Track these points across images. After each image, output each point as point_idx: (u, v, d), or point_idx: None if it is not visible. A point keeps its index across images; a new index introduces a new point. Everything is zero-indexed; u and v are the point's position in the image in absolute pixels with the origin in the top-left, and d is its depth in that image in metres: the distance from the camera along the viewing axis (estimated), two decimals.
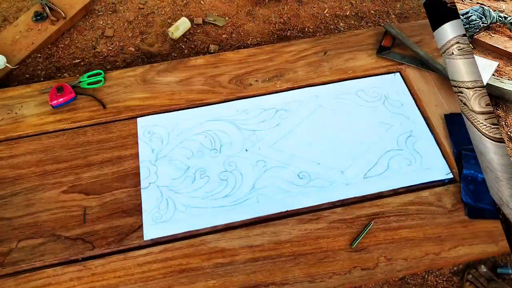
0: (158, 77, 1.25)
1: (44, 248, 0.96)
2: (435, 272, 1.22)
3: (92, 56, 1.68)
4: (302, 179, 1.06)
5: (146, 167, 1.08)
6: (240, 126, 1.16)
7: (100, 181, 1.06)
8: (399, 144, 1.12)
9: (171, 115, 1.18)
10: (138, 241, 0.97)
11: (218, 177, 1.07)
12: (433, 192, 1.03)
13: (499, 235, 0.96)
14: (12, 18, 1.78)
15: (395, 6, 1.88)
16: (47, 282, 0.91)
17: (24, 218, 1.01)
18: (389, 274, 0.92)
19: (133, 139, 1.13)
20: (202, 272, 0.92)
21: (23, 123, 1.16)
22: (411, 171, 1.07)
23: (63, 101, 1.18)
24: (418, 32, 1.34)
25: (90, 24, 1.77)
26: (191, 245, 0.96)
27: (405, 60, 1.26)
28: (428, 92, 1.21)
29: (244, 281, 0.91)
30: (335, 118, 1.17)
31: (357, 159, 1.09)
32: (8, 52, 1.58)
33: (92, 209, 1.02)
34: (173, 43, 1.73)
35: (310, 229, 0.98)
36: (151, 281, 0.91)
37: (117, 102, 1.20)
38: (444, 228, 0.97)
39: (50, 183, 1.06)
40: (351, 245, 0.95)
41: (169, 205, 1.02)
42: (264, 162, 1.09)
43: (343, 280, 0.91)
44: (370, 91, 1.23)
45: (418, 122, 1.16)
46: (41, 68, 1.63)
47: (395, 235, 0.97)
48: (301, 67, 1.26)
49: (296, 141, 1.13)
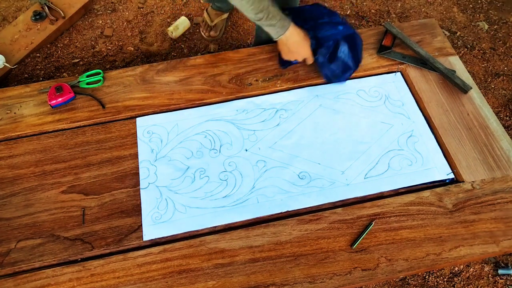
0: (157, 76, 1.25)
1: (43, 248, 0.96)
2: (435, 272, 1.21)
3: (91, 56, 1.67)
4: (302, 179, 1.06)
5: (145, 167, 1.08)
6: (240, 126, 1.16)
7: (99, 181, 1.06)
8: (399, 144, 1.12)
9: (170, 115, 1.18)
10: (138, 242, 0.97)
11: (218, 177, 1.06)
12: (434, 193, 1.02)
13: (500, 235, 0.96)
14: (11, 18, 1.78)
15: (396, 6, 1.88)
16: (46, 282, 0.91)
17: (23, 219, 1.00)
18: (390, 275, 0.92)
19: (132, 139, 1.13)
20: (202, 272, 0.92)
21: (22, 123, 1.16)
22: (412, 171, 1.07)
23: (62, 101, 1.17)
24: (419, 32, 1.33)
25: (89, 23, 1.77)
26: (190, 246, 0.95)
27: (405, 60, 1.25)
28: (429, 91, 1.20)
29: (244, 282, 0.91)
30: (336, 118, 1.17)
31: (357, 159, 1.09)
32: (7, 52, 1.58)
33: (91, 210, 1.01)
34: (172, 42, 1.73)
35: (311, 229, 0.97)
36: (150, 282, 0.91)
37: (116, 102, 1.19)
38: (445, 229, 0.97)
39: (49, 183, 1.05)
40: (351, 246, 0.95)
41: (168, 205, 1.02)
42: (264, 162, 1.09)
43: (343, 280, 0.91)
44: (370, 91, 1.22)
45: (419, 122, 1.16)
46: (40, 67, 1.63)
47: (396, 235, 0.96)
48: (301, 66, 1.26)
49: (296, 141, 1.13)
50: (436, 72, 1.22)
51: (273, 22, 1.03)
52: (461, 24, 1.80)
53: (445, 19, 1.82)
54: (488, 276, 1.20)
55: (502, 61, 1.68)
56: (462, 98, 1.19)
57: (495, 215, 0.99)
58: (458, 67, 1.25)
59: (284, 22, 1.05)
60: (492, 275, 1.20)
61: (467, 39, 1.75)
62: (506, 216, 0.99)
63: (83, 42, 1.71)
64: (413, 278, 1.20)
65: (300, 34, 1.11)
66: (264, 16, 1.01)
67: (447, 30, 1.78)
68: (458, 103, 1.18)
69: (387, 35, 1.30)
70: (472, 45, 1.73)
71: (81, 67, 1.64)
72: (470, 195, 1.02)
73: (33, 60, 1.64)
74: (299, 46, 1.11)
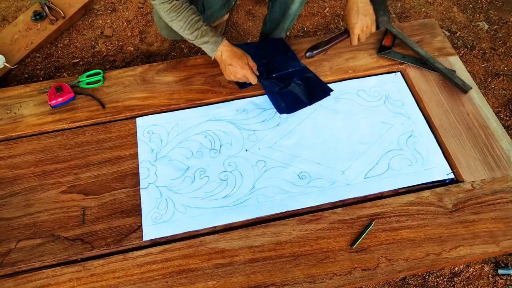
0: (157, 76, 1.25)
1: (43, 248, 0.96)
2: (435, 272, 1.21)
3: (91, 56, 1.67)
4: (302, 179, 1.06)
5: (145, 167, 1.08)
6: (240, 126, 1.16)
7: (99, 181, 1.06)
8: (399, 144, 1.12)
9: (170, 115, 1.18)
10: (138, 242, 0.97)
11: (218, 177, 1.06)
12: (434, 193, 1.02)
13: (500, 235, 0.96)
14: (11, 18, 1.78)
15: (396, 6, 1.88)
16: (46, 282, 0.91)
17: (23, 219, 1.00)
18: (390, 275, 0.92)
19: (132, 139, 1.13)
20: (202, 272, 0.92)
21: (22, 123, 1.16)
22: (412, 171, 1.06)
23: (62, 101, 1.17)
24: (418, 32, 1.33)
25: (89, 23, 1.77)
26: (190, 246, 0.95)
27: (405, 60, 1.25)
28: (429, 91, 1.20)
29: (244, 282, 0.90)
30: (336, 118, 1.17)
31: (357, 159, 1.09)
32: (7, 52, 1.57)
33: (91, 210, 1.01)
34: (172, 42, 1.72)
35: (311, 229, 0.97)
36: (150, 282, 0.91)
37: (116, 102, 1.19)
38: (445, 229, 0.97)
39: (49, 183, 1.05)
40: (351, 246, 0.95)
41: (168, 205, 1.02)
42: (264, 162, 1.09)
43: (343, 280, 0.91)
44: (370, 91, 1.22)
45: (419, 122, 1.16)
46: (40, 67, 1.63)
47: (396, 235, 0.96)
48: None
49: (296, 141, 1.13)
50: (436, 72, 1.22)
51: (207, 39, 1.11)
52: (461, 24, 1.80)
53: (445, 19, 1.82)
54: (488, 276, 1.20)
55: (502, 61, 1.68)
56: (462, 98, 1.19)
57: (495, 215, 0.99)
58: (458, 67, 1.25)
59: (217, 39, 1.12)
60: (492, 275, 1.20)
61: (467, 39, 1.75)
62: (506, 216, 0.99)
63: (83, 42, 1.71)
64: (413, 278, 1.20)
65: (234, 50, 1.14)
66: (198, 34, 1.10)
67: (447, 30, 1.78)
68: (458, 103, 1.18)
69: (387, 35, 1.30)
70: (472, 45, 1.73)
71: (81, 67, 1.64)
72: (470, 195, 1.02)
73: (33, 60, 1.64)
74: (233, 60, 1.13)
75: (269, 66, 1.23)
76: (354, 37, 1.14)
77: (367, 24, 1.12)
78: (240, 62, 1.13)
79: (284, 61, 1.25)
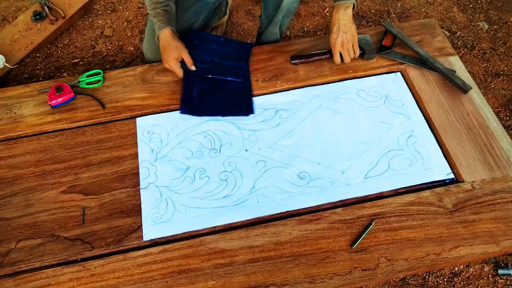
0: (157, 76, 1.25)
1: (43, 248, 0.96)
2: (435, 272, 1.21)
3: (91, 56, 1.67)
4: (302, 179, 1.06)
5: (145, 167, 1.08)
6: (240, 126, 1.16)
7: (99, 181, 1.06)
8: (399, 144, 1.12)
9: (170, 115, 1.18)
10: (138, 242, 0.97)
11: (218, 177, 1.06)
12: (434, 193, 1.02)
13: (500, 235, 0.96)
14: (11, 18, 1.78)
15: (396, 6, 1.88)
16: (46, 282, 0.91)
17: (23, 219, 1.00)
18: (390, 275, 0.92)
19: (132, 139, 1.13)
20: (202, 272, 0.92)
21: (22, 123, 1.16)
22: (412, 171, 1.06)
23: (62, 101, 1.17)
24: (418, 32, 1.33)
25: (89, 23, 1.77)
26: (190, 246, 0.95)
27: (405, 60, 1.25)
28: (429, 91, 1.20)
29: (244, 282, 0.90)
30: (336, 118, 1.17)
31: (357, 159, 1.09)
32: (7, 52, 1.57)
33: (91, 210, 1.01)
34: None
35: (311, 229, 0.97)
36: (150, 282, 0.91)
37: (116, 102, 1.19)
38: (445, 229, 0.97)
39: (49, 183, 1.05)
40: (351, 246, 0.95)
41: (168, 205, 1.02)
42: (264, 162, 1.09)
43: (343, 280, 0.91)
44: (370, 91, 1.22)
45: (419, 122, 1.16)
46: (40, 67, 1.63)
47: (396, 235, 0.96)
48: (301, 66, 1.26)
49: (296, 141, 1.13)
50: (436, 72, 1.22)
51: (155, 21, 1.17)
52: (461, 24, 1.80)
53: (445, 19, 1.82)
54: (488, 276, 1.20)
55: (502, 61, 1.68)
56: (462, 98, 1.19)
57: (495, 215, 0.99)
58: (458, 67, 1.24)
59: (160, 24, 1.16)
60: (492, 275, 1.20)
61: (467, 39, 1.75)
62: (506, 216, 0.98)
63: (83, 42, 1.71)
64: (413, 278, 1.20)
65: (169, 42, 1.16)
66: (152, 13, 1.17)
67: (447, 30, 1.78)
68: (458, 103, 1.18)
69: (387, 35, 1.30)
70: (472, 45, 1.73)
71: (81, 67, 1.64)
72: (470, 195, 1.02)
73: (33, 60, 1.64)
74: (163, 51, 1.18)
75: (216, 66, 1.23)
76: (336, 54, 1.19)
77: (347, 40, 1.16)
78: (166, 55, 1.17)
79: (231, 68, 1.23)
